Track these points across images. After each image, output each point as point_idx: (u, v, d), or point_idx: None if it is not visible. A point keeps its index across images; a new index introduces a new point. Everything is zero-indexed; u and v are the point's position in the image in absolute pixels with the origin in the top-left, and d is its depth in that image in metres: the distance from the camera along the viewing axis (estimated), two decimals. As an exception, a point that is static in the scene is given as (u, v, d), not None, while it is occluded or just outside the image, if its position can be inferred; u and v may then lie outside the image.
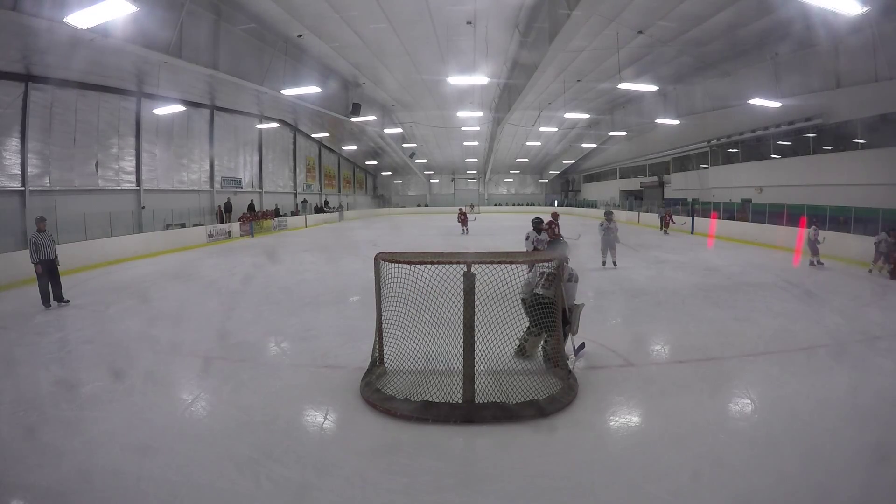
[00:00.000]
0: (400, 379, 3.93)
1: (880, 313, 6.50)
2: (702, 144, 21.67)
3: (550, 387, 3.77)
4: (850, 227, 11.90)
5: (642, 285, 8.39)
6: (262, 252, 14.66)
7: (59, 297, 7.20)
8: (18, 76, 12.00)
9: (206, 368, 4.57)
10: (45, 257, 7.05)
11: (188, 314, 6.72)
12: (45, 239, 7.15)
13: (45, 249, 7.08)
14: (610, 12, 11.48)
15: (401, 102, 22.37)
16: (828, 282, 8.62)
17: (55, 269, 7.24)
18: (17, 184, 12.26)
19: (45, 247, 7.07)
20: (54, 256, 7.22)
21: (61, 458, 2.98)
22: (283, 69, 14.25)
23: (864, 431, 3.24)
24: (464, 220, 19.75)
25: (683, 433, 3.26)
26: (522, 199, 44.09)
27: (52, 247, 7.20)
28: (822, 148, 15.37)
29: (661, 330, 5.85)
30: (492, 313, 3.79)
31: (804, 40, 12.78)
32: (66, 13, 7.47)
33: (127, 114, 15.53)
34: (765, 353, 4.80)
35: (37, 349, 5.26)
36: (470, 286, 3.48)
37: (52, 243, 7.24)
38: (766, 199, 17.20)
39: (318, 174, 30.75)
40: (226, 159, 21.00)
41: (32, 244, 7.09)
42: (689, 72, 17.21)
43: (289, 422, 3.52)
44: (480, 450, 3.21)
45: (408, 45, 14.34)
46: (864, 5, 7.49)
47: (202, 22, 11.30)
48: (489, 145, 30.35)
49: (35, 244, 7.06)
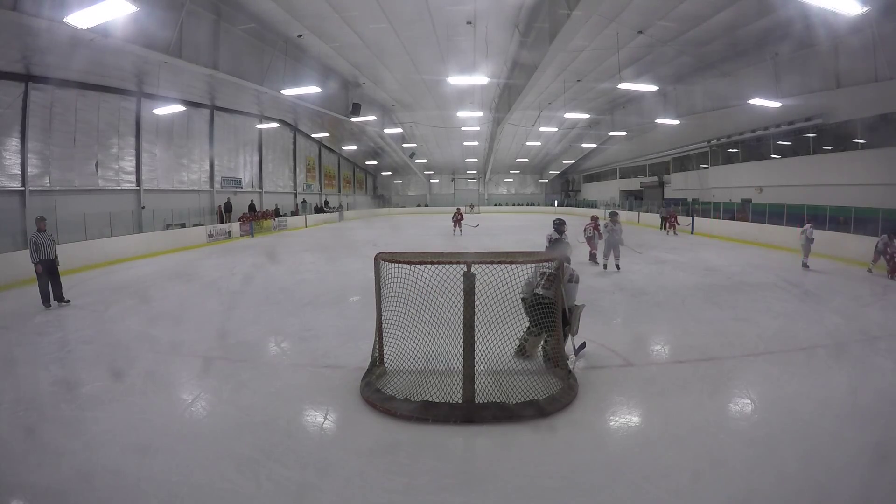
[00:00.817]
0: (400, 379, 3.93)
1: (880, 313, 6.51)
2: (702, 144, 21.68)
3: (550, 387, 3.77)
4: (850, 227, 11.90)
5: (642, 285, 8.39)
6: (262, 252, 14.66)
7: (59, 296, 7.21)
8: (18, 76, 12.00)
9: (206, 368, 4.57)
10: (45, 257, 7.06)
11: (188, 314, 6.72)
12: (46, 239, 7.17)
13: (46, 249, 7.09)
14: (610, 12, 11.48)
15: (401, 102, 22.37)
16: (828, 282, 8.62)
17: (55, 269, 7.24)
18: (17, 184, 12.26)
19: (45, 247, 7.09)
20: (54, 256, 7.23)
21: (61, 458, 2.98)
22: (283, 69, 14.25)
23: (864, 431, 3.24)
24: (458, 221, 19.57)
25: (683, 433, 3.26)
26: (522, 199, 44.10)
27: (52, 247, 7.21)
28: (822, 148, 15.37)
29: (661, 330, 5.85)
30: (492, 313, 3.79)
31: (804, 40, 12.77)
32: (66, 13, 7.47)
33: (127, 114, 15.53)
34: (765, 353, 4.80)
35: (37, 349, 5.26)
36: (470, 286, 3.48)
37: (52, 243, 7.25)
38: (766, 199, 17.20)
39: (318, 174, 30.75)
40: (226, 159, 21.00)
41: (33, 244, 7.10)
42: (689, 72, 17.21)
43: (289, 422, 3.52)
44: (480, 450, 3.21)
45: (408, 45, 14.34)
46: (864, 5, 7.49)
47: (202, 22, 11.30)
48: (489, 145, 30.34)
49: (35, 244, 7.08)
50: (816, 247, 10.15)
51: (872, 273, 9.16)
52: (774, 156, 17.83)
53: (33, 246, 7.08)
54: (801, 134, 15.97)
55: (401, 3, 11.43)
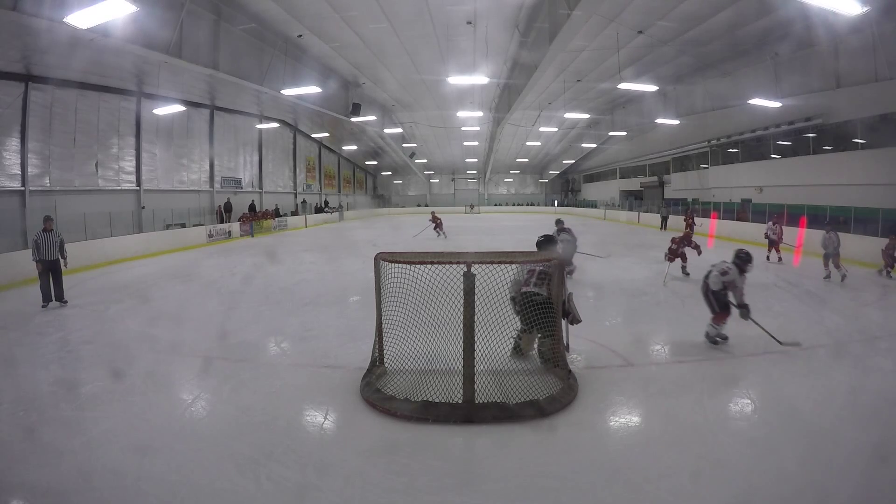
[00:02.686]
0: (400, 379, 3.93)
1: (880, 313, 6.51)
2: (702, 144, 21.67)
3: (550, 387, 3.77)
4: (850, 227, 11.90)
5: (642, 285, 8.39)
6: (262, 252, 14.66)
7: (59, 296, 7.20)
8: (18, 76, 12.01)
9: (206, 368, 4.57)
10: (44, 257, 7.05)
11: (188, 314, 6.73)
12: (49, 239, 7.13)
13: (47, 250, 7.07)
14: (610, 12, 11.48)
15: (401, 102, 22.36)
16: (828, 282, 8.62)
17: (57, 269, 7.21)
18: (17, 184, 12.26)
19: (46, 247, 7.07)
20: (57, 257, 7.18)
21: (61, 458, 2.98)
22: (283, 69, 14.25)
23: (864, 431, 3.24)
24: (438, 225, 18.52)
25: (683, 433, 3.26)
26: (522, 199, 44.08)
27: (55, 247, 7.16)
28: (822, 148, 15.36)
29: (661, 330, 5.86)
30: (492, 313, 3.79)
31: (804, 40, 12.77)
32: (66, 13, 7.47)
33: (127, 114, 15.54)
34: (765, 353, 4.80)
35: (37, 349, 5.26)
36: (470, 286, 3.48)
37: (55, 244, 7.18)
38: (767, 199, 17.20)
39: (318, 174, 30.75)
40: (226, 159, 21.00)
41: (34, 243, 7.12)
42: (689, 72, 17.21)
43: (289, 422, 3.52)
44: (480, 450, 3.21)
45: (408, 45, 14.33)
46: (864, 5, 7.48)
47: (202, 22, 11.30)
48: (489, 145, 30.34)
49: (36, 243, 7.08)
50: (815, 247, 10.09)
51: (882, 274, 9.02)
52: (774, 156, 17.83)
53: (34, 245, 7.09)
54: (801, 134, 15.97)
55: (401, 3, 11.43)
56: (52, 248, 7.15)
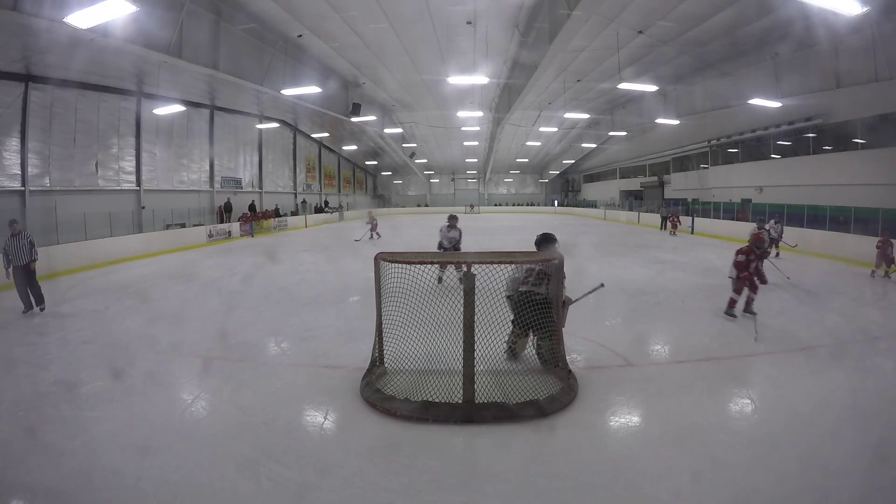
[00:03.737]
0: (400, 379, 3.93)
1: (880, 313, 6.51)
2: (702, 144, 21.67)
3: (550, 387, 3.77)
4: (849, 227, 11.90)
5: (642, 285, 8.38)
6: (262, 252, 14.66)
7: (37, 300, 6.77)
8: (18, 76, 12.01)
9: (206, 368, 4.57)
10: (17, 263, 6.67)
11: (188, 314, 6.72)
12: (16, 243, 6.68)
13: (16, 255, 6.67)
14: (610, 12, 11.48)
15: (401, 102, 22.37)
16: (828, 282, 8.62)
17: (29, 273, 6.74)
18: (17, 184, 12.27)
19: (14, 252, 6.67)
20: (28, 261, 6.71)
21: (61, 458, 2.98)
22: (283, 69, 14.26)
23: (864, 431, 3.24)
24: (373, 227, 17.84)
25: (683, 433, 3.26)
26: (523, 199, 44.10)
27: (23, 251, 6.69)
28: (822, 148, 15.37)
29: (661, 330, 5.85)
30: (492, 313, 3.79)
31: (804, 40, 12.77)
32: (66, 13, 7.47)
33: (127, 114, 15.54)
34: (765, 353, 4.80)
35: (37, 349, 5.25)
36: (470, 286, 3.48)
37: (24, 247, 6.70)
38: (767, 199, 17.20)
39: (318, 174, 30.75)
40: (226, 159, 21.00)
41: (3, 250, 6.71)
42: (689, 72, 17.21)
43: (289, 422, 3.52)
44: (480, 450, 3.21)
45: (408, 45, 14.34)
46: (864, 5, 7.49)
47: (202, 22, 11.30)
48: (489, 145, 30.34)
49: (5, 251, 6.68)
50: (815, 247, 10.09)
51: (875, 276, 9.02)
52: (774, 156, 17.83)
53: (3, 253, 6.70)
54: (801, 134, 15.97)
55: (401, 3, 11.44)
56: (22, 252, 6.70)
